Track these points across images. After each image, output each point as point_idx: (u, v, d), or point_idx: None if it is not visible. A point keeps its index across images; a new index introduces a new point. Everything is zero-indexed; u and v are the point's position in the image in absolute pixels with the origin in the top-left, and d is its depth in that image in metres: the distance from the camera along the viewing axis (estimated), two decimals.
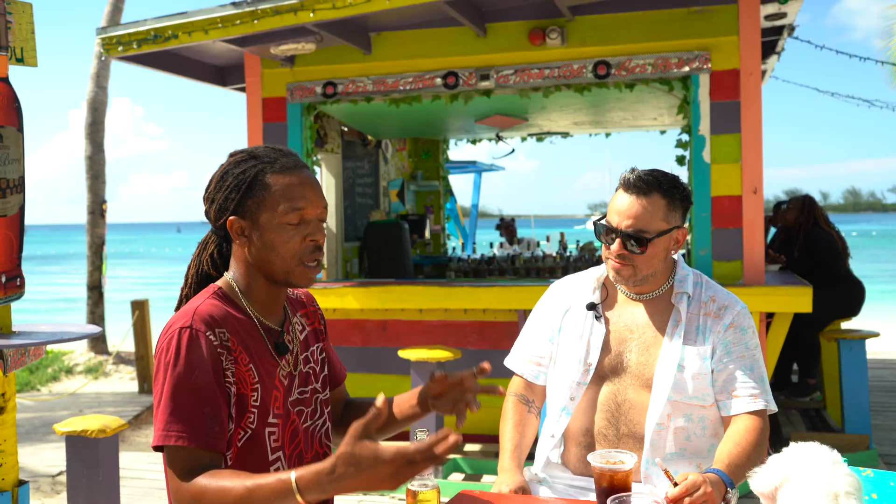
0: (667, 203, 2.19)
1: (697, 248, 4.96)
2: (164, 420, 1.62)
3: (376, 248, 7.08)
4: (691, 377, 2.16)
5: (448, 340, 5.32)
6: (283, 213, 1.73)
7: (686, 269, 2.32)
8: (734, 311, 2.23)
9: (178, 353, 1.65)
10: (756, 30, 4.87)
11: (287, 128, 5.67)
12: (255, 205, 1.75)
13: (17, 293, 2.71)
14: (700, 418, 2.19)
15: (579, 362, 2.28)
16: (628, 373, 2.24)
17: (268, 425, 1.76)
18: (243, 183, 1.76)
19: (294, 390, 1.84)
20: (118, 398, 8.21)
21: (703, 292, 2.27)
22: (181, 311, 1.74)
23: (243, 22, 4.81)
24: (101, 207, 10.45)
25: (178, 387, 1.63)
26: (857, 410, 5.28)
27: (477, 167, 11.18)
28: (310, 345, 1.94)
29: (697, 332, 2.21)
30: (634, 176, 2.20)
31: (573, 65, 5.15)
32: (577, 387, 2.27)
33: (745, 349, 2.19)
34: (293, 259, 1.75)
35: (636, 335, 2.26)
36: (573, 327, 2.33)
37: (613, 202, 2.24)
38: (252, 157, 1.79)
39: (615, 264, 2.23)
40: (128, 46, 5.05)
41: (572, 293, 2.39)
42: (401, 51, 5.50)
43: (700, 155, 4.95)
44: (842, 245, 6.05)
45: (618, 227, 2.19)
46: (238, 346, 1.72)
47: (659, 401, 2.16)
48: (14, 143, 2.66)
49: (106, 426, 3.37)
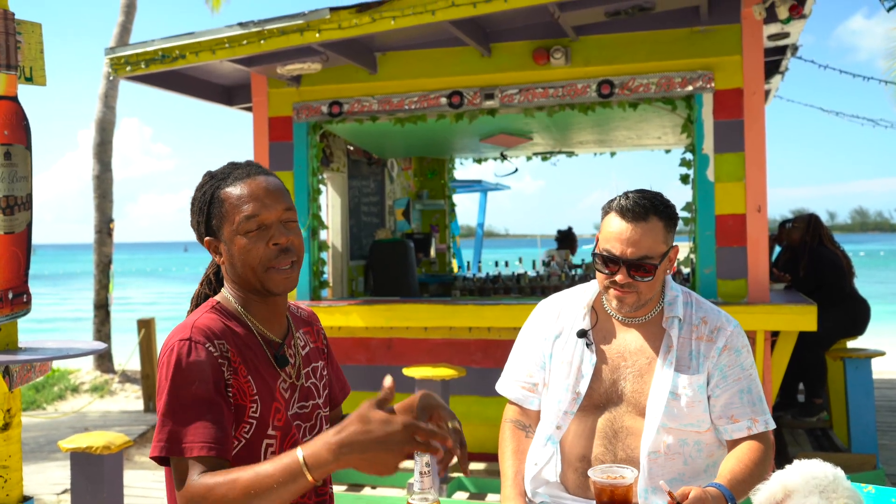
0: (664, 224, 2.16)
1: (702, 267, 4.96)
2: (168, 430, 1.63)
3: (382, 266, 7.10)
4: (685, 405, 2.13)
5: (453, 359, 5.32)
6: (238, 223, 1.75)
7: (675, 290, 2.27)
8: (727, 333, 2.19)
9: (178, 364, 1.66)
10: (759, 49, 4.90)
11: (293, 147, 5.71)
12: (218, 222, 1.78)
13: (23, 309, 2.73)
14: (696, 442, 2.17)
15: (567, 390, 2.24)
16: (624, 400, 2.20)
17: (266, 437, 1.76)
18: (204, 204, 1.80)
19: (294, 404, 1.84)
20: (124, 416, 8.22)
21: (694, 314, 2.23)
22: (180, 326, 1.76)
23: (250, 42, 4.86)
24: (108, 226, 10.50)
25: (179, 397, 1.64)
26: (864, 430, 5.26)
27: (482, 186, 11.20)
28: (312, 361, 1.94)
29: (691, 357, 2.18)
30: (630, 202, 2.14)
31: (577, 84, 5.19)
32: (563, 416, 2.23)
33: (740, 370, 2.17)
34: (260, 266, 1.75)
35: (629, 362, 2.22)
36: (564, 354, 2.28)
37: (610, 229, 2.17)
38: (210, 178, 1.83)
39: (618, 293, 2.17)
40: (136, 66, 5.10)
41: (562, 317, 2.34)
42: (406, 70, 5.54)
43: (704, 173, 4.96)
44: (847, 264, 6.04)
45: (622, 256, 2.13)
46: (237, 358, 1.73)
47: (652, 428, 2.14)
48: (22, 160, 2.69)
49: (111, 443, 3.38)
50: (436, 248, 8.95)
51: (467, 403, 5.30)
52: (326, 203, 6.95)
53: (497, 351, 5.27)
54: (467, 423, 5.63)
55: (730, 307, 4.61)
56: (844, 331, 5.93)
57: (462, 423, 4.98)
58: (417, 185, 9.14)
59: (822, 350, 5.84)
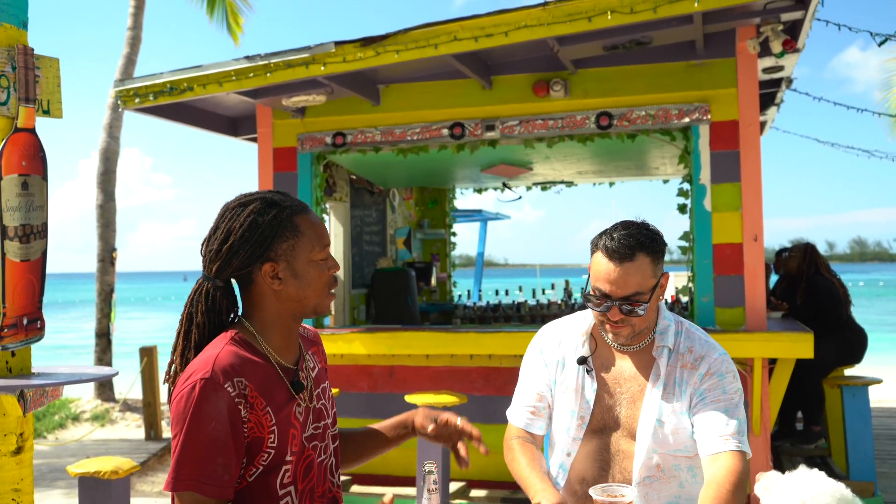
0: (651, 259, 2.18)
1: (700, 295, 5.03)
2: (181, 466, 1.71)
3: (383, 294, 7.17)
4: (670, 432, 2.19)
5: (454, 386, 5.37)
6: (318, 251, 1.87)
7: (668, 319, 2.32)
8: (710, 360, 2.22)
9: (197, 403, 1.72)
10: (754, 82, 5.01)
11: (297, 177, 5.81)
12: (291, 248, 1.84)
13: (37, 335, 2.80)
14: (689, 468, 2.22)
15: (574, 417, 2.30)
16: (620, 425, 2.27)
17: (284, 463, 1.83)
18: (277, 228, 1.83)
19: (309, 426, 1.90)
20: (125, 445, 8.24)
21: (682, 342, 2.27)
22: (201, 360, 1.79)
23: (257, 75, 4.97)
24: (111, 255, 10.58)
25: (195, 436, 1.72)
26: (862, 457, 5.30)
27: (482, 216, 11.30)
28: (321, 382, 2.01)
29: (675, 385, 2.23)
30: (616, 242, 2.17)
31: (576, 116, 5.30)
32: (572, 442, 2.30)
33: (721, 393, 2.18)
34: (324, 290, 1.90)
35: (623, 388, 2.28)
36: (568, 381, 2.34)
37: (599, 269, 2.20)
38: (272, 204, 1.85)
39: (613, 328, 2.22)
40: (144, 98, 5.21)
41: (563, 345, 2.39)
42: (408, 102, 5.65)
43: (701, 203, 5.05)
44: (843, 292, 6.11)
45: (612, 295, 2.17)
46: (255, 393, 1.78)
47: (642, 453, 2.20)
48: (38, 190, 2.77)
49: (118, 468, 3.43)
50: (437, 277, 9.02)
51: None
52: (329, 232, 7.03)
53: (498, 378, 5.32)
54: (468, 449, 5.65)
55: (727, 335, 4.68)
56: (842, 359, 5.99)
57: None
58: (418, 215, 9.24)
59: (819, 378, 5.89)
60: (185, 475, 1.71)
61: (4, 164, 2.60)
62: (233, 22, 13.56)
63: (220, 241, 1.85)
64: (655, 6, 4.29)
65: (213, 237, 1.87)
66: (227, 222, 1.86)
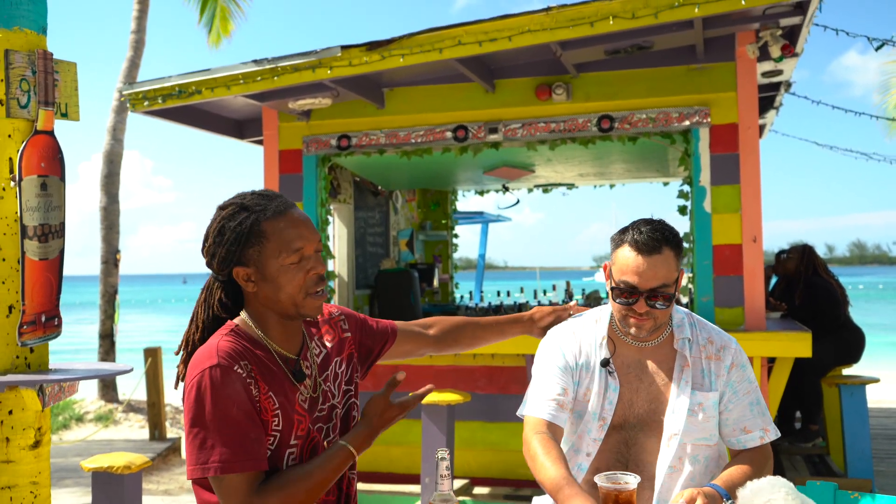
0: (675, 254, 2.26)
1: (700, 295, 5.11)
2: (211, 451, 1.77)
3: (387, 296, 7.24)
4: (702, 420, 2.26)
5: (458, 384, 5.44)
6: (285, 256, 1.88)
7: (680, 312, 2.39)
8: (731, 350, 2.33)
9: (214, 388, 1.79)
10: (753, 86, 5.09)
11: (303, 179, 5.88)
12: (257, 253, 1.89)
13: (55, 332, 2.87)
14: (706, 458, 2.29)
15: (595, 419, 2.33)
16: (640, 420, 2.32)
17: (289, 447, 1.91)
18: (241, 235, 1.88)
19: (314, 411, 1.98)
20: (129, 445, 8.30)
21: (700, 334, 2.35)
22: (204, 351, 1.87)
23: (264, 78, 5.05)
24: (114, 257, 10.65)
25: (223, 419, 1.78)
26: (860, 455, 5.36)
27: (484, 218, 11.37)
28: (329, 364, 2.08)
29: (703, 375, 2.30)
30: (644, 236, 2.23)
31: (578, 119, 5.37)
32: (593, 443, 2.33)
33: (748, 384, 2.30)
34: (300, 293, 1.91)
35: (645, 384, 2.33)
36: (590, 383, 2.36)
37: (626, 263, 2.24)
38: (243, 209, 1.91)
39: (636, 321, 2.27)
40: (153, 101, 5.29)
41: (583, 349, 2.39)
42: (413, 105, 5.73)
43: (701, 205, 5.13)
44: (841, 293, 6.19)
45: (639, 287, 2.22)
46: (258, 376, 1.87)
47: (671, 445, 2.25)
48: (56, 191, 2.84)
49: (131, 462, 3.50)
50: (439, 279, 9.09)
51: (472, 429, 5.42)
52: (333, 233, 7.11)
53: (501, 377, 5.40)
54: (471, 447, 5.75)
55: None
56: (839, 358, 6.06)
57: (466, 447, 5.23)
58: (421, 217, 9.31)
59: (817, 377, 5.97)
60: (221, 458, 1.76)
61: (24, 166, 2.68)
62: (221, 27, 13.61)
63: (204, 244, 1.96)
64: (656, 12, 4.37)
65: (204, 238, 1.98)
66: (210, 226, 1.95)
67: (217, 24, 13.62)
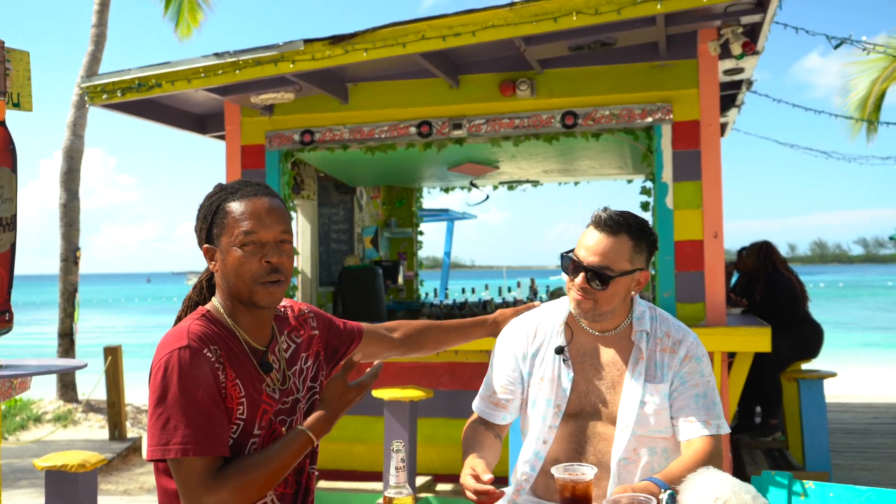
0: (633, 245, 2.28)
1: (661, 291, 5.14)
2: (174, 433, 1.74)
3: (350, 292, 7.20)
4: (653, 412, 2.27)
5: (421, 381, 5.42)
6: (237, 237, 1.88)
7: (643, 305, 2.41)
8: (688, 343, 2.34)
9: (181, 370, 1.78)
10: (714, 83, 5.14)
11: (265, 174, 5.82)
12: (219, 232, 1.92)
13: (5, 327, 2.81)
14: (664, 450, 2.30)
15: (550, 405, 2.35)
16: (597, 410, 2.33)
17: (252, 437, 1.89)
18: (209, 213, 1.94)
19: (279, 403, 1.98)
20: (88, 445, 8.15)
21: (659, 327, 2.37)
22: (173, 333, 1.87)
23: (225, 72, 4.98)
24: (74, 255, 10.47)
25: (187, 402, 1.76)
26: (818, 449, 5.44)
27: (449, 215, 11.36)
28: (296, 360, 2.07)
29: (656, 367, 2.31)
30: (606, 215, 2.29)
31: (542, 115, 5.38)
32: (548, 430, 2.34)
33: (699, 377, 2.30)
34: (252, 280, 1.89)
35: (602, 374, 2.34)
36: (544, 371, 2.39)
37: (584, 236, 2.33)
38: (220, 190, 1.97)
39: (577, 296, 2.30)
40: (112, 94, 5.20)
41: (539, 335, 2.44)
42: (376, 101, 5.70)
43: (663, 201, 5.16)
44: (800, 289, 6.28)
45: (583, 262, 2.28)
46: (226, 362, 1.86)
47: (623, 436, 2.26)
48: (7, 183, 2.78)
49: (86, 461, 3.44)
50: (404, 276, 9.07)
51: (435, 425, 5.40)
52: (297, 230, 7.06)
53: (464, 373, 5.39)
54: (434, 444, 5.74)
55: None
56: (799, 354, 6.15)
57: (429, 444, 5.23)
58: (386, 214, 9.28)
59: (777, 372, 6.04)
60: (182, 440, 1.74)
61: None
62: (190, 19, 13.43)
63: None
64: (619, 8, 4.38)
65: None
66: None
67: (185, 17, 13.44)
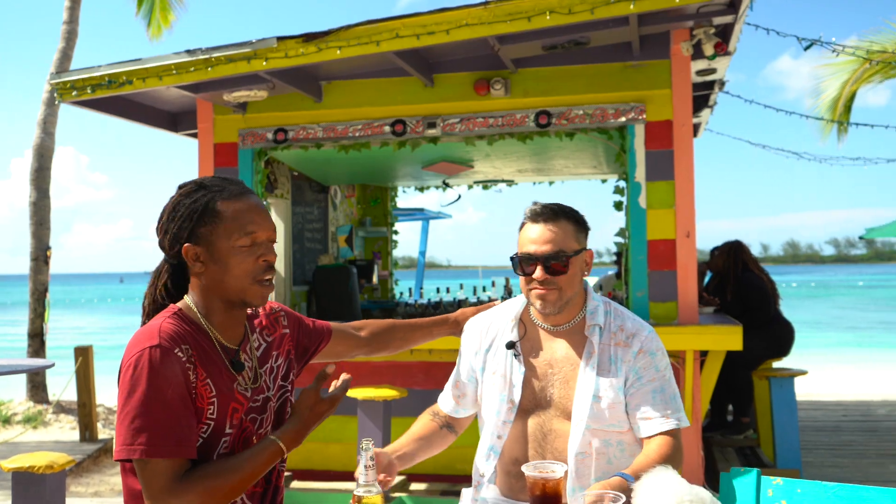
0: (574, 227, 2.34)
1: (634, 290, 5.17)
2: (140, 433, 1.72)
3: (324, 291, 7.17)
4: (607, 406, 2.27)
5: (395, 380, 5.42)
6: (236, 237, 1.86)
7: (596, 300, 2.42)
8: (642, 337, 2.33)
9: (151, 369, 1.75)
10: (687, 84, 5.17)
11: (238, 173, 5.78)
12: (209, 232, 1.87)
13: None
14: (619, 442, 2.30)
15: (503, 401, 2.37)
16: (552, 405, 2.34)
17: (223, 435, 1.87)
18: (195, 212, 1.88)
19: (250, 401, 1.96)
20: (59, 447, 8.05)
21: (613, 321, 2.38)
22: (144, 331, 1.84)
23: (197, 69, 4.94)
24: (45, 254, 10.34)
25: (156, 402, 1.74)
26: (788, 446, 5.50)
27: (424, 214, 11.35)
28: (267, 359, 2.07)
29: (610, 362, 2.31)
30: (540, 207, 2.35)
31: (516, 114, 5.39)
32: (502, 425, 2.36)
33: (655, 372, 2.30)
34: (247, 278, 1.88)
35: (556, 369, 2.35)
36: (496, 366, 2.42)
37: (525, 235, 2.35)
38: (201, 188, 1.92)
39: (540, 291, 2.31)
40: (82, 91, 5.14)
41: (491, 331, 2.48)
42: (350, 99, 5.67)
43: (636, 201, 5.19)
44: (771, 288, 6.34)
45: (536, 255, 2.30)
46: (197, 361, 1.83)
47: (578, 430, 2.27)
48: None
49: (53, 462, 3.39)
50: (378, 275, 9.04)
51: (408, 425, 5.33)
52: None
53: (438, 372, 5.37)
54: None
55: (661, 328, 4.81)
56: (770, 352, 6.21)
57: None
58: (360, 213, 9.25)
59: (749, 371, 6.10)
60: (148, 441, 1.71)
61: None
62: (161, 19, 13.31)
63: (159, 220, 1.94)
64: (593, 7, 4.40)
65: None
66: (167, 202, 1.95)
67: (157, 16, 13.31)
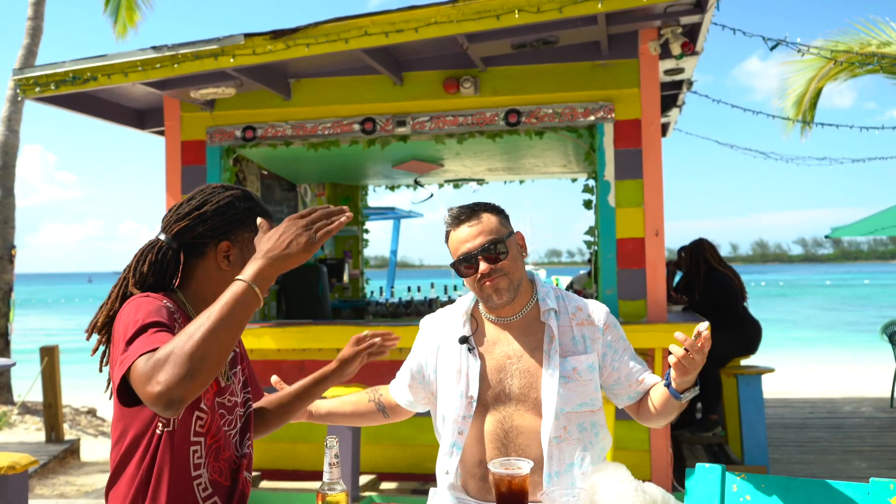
0: (497, 218, 2.38)
1: (604, 288, 5.19)
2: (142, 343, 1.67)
3: (294, 290, 7.12)
4: (578, 385, 2.29)
5: (366, 380, 5.37)
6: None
7: (546, 287, 2.46)
8: (600, 313, 2.42)
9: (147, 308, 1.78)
10: (655, 83, 5.20)
11: (206, 171, 5.73)
12: (248, 239, 2.01)
13: None
14: (592, 424, 2.33)
15: (461, 396, 2.35)
16: (512, 399, 2.33)
17: (198, 410, 1.91)
18: (246, 216, 2.02)
19: (219, 396, 2.00)
20: (23, 448, 7.93)
21: (567, 304, 2.42)
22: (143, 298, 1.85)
23: (163, 66, 4.89)
24: (9, 253, 10.20)
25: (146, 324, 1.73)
26: (756, 443, 5.55)
27: (395, 213, 11.33)
28: (235, 364, 2.13)
29: (575, 342, 2.35)
30: (456, 210, 2.40)
31: (486, 113, 5.39)
32: (463, 421, 2.34)
33: (623, 342, 2.43)
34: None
35: (514, 360, 2.35)
36: (449, 363, 2.41)
37: (455, 239, 2.38)
38: (251, 198, 2.07)
39: (489, 282, 2.32)
40: (45, 87, 5.06)
41: (441, 328, 2.49)
42: (320, 97, 5.64)
43: (606, 199, 5.21)
44: (739, 285, 6.40)
45: (473, 250, 2.32)
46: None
47: (550, 415, 2.26)
48: None
49: (16, 463, 3.34)
50: (349, 274, 9.01)
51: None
52: None
53: None
54: (378, 442, 5.70)
55: (630, 326, 4.83)
56: (738, 350, 6.27)
57: (373, 442, 5.18)
58: None
59: (717, 368, 6.15)
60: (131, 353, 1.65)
61: None
62: (127, 18, 13.16)
63: (194, 207, 2.00)
64: (561, 6, 4.41)
65: (186, 203, 2.02)
66: (206, 195, 2.03)
67: (123, 15, 13.17)
